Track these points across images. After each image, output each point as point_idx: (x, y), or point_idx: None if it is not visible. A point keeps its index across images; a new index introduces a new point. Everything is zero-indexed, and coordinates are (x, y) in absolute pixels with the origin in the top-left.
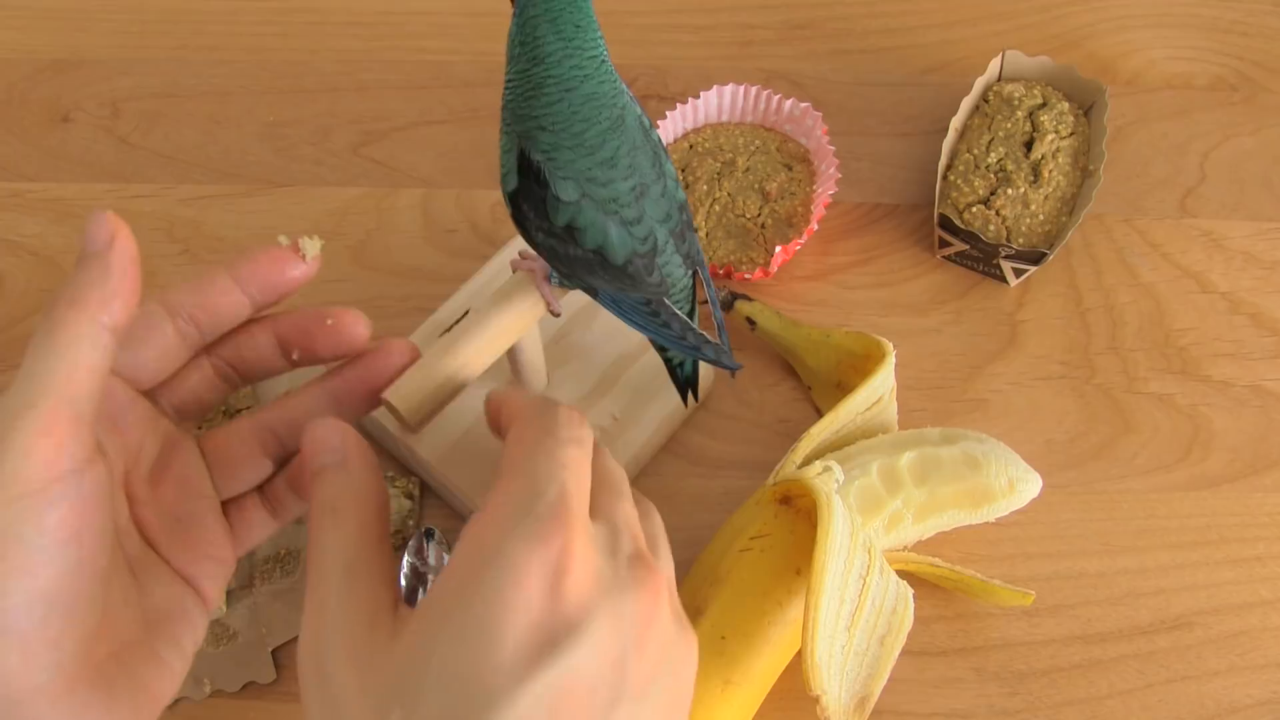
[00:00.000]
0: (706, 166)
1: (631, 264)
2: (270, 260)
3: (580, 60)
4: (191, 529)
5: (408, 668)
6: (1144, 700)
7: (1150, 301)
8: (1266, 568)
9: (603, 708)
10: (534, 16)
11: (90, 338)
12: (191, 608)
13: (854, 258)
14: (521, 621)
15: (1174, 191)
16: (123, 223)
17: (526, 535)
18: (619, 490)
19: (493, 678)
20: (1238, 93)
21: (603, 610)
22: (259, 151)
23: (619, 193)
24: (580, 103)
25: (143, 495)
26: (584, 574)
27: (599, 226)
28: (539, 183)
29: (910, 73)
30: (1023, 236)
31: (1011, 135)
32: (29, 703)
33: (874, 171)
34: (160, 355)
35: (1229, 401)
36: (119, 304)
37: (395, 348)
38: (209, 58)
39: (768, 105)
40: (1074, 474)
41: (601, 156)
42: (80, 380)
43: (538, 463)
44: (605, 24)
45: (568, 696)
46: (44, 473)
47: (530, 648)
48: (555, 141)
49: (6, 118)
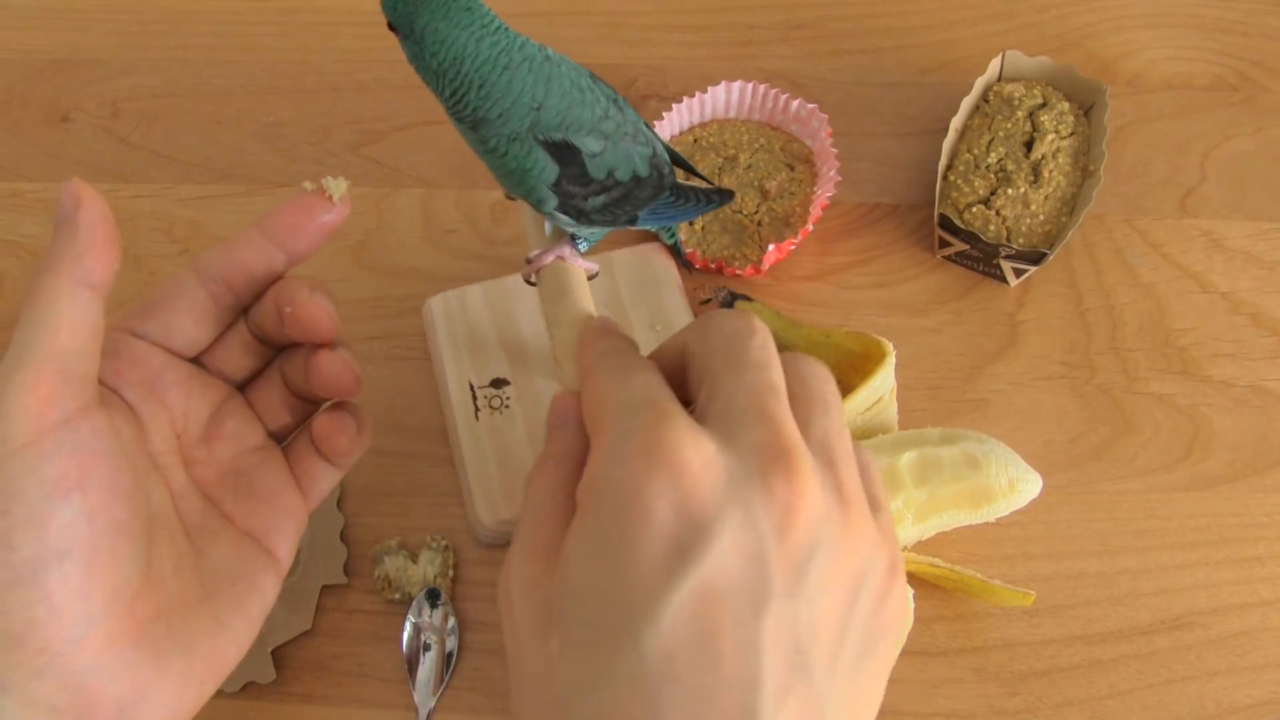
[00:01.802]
0: (709, 161)
1: (653, 166)
2: (297, 209)
3: (497, 35)
4: (255, 480)
5: (556, 597)
6: (1144, 700)
7: (1150, 301)
8: (1266, 568)
9: (748, 607)
10: (429, 24)
11: (68, 295)
12: (260, 570)
13: (854, 258)
14: (647, 535)
15: (1174, 191)
16: (90, 188)
17: (628, 455)
18: (734, 365)
19: (631, 596)
20: (1238, 93)
21: (729, 506)
22: (259, 151)
23: (601, 114)
24: (537, 66)
25: (199, 455)
26: (700, 473)
27: (624, 154)
28: (570, 155)
29: (910, 73)
30: (1023, 236)
31: (1011, 135)
32: (68, 655)
33: (874, 171)
34: (195, 321)
35: (1229, 401)
36: (91, 258)
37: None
38: (209, 58)
39: (775, 104)
40: (1074, 474)
41: (574, 97)
42: (63, 337)
43: (605, 394)
44: (606, 24)
45: (710, 602)
46: (34, 426)
47: (662, 559)
48: (552, 108)
49: (6, 118)
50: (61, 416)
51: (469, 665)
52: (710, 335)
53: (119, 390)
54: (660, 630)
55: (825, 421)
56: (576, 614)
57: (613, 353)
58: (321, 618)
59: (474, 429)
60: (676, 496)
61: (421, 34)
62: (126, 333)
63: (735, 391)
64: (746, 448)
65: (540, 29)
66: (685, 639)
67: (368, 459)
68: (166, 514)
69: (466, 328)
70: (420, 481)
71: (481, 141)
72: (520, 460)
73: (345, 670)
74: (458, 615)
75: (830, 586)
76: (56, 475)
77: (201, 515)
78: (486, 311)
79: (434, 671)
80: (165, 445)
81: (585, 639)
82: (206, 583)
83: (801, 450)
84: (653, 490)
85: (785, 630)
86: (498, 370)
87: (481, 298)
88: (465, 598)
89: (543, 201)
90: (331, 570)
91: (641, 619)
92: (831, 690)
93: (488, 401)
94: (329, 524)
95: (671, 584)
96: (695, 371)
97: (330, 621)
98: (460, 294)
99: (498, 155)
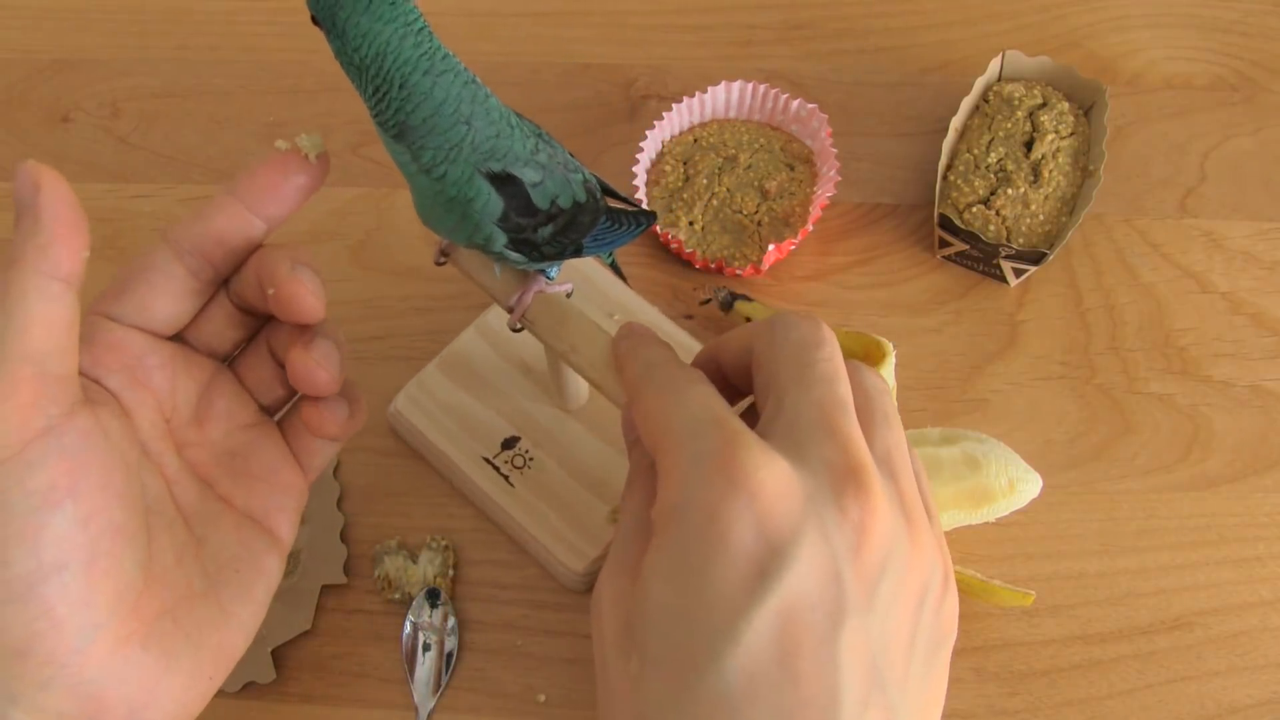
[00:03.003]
0: (708, 161)
1: (588, 191)
2: (271, 169)
3: (420, 37)
4: (250, 459)
5: (635, 617)
6: (1144, 700)
7: (1150, 301)
8: (1266, 568)
9: (827, 625)
10: (351, 17)
11: (36, 290)
12: (262, 551)
13: (854, 258)
14: (726, 558)
15: (1174, 191)
16: (48, 169)
17: (703, 478)
18: (802, 378)
19: (711, 618)
20: (1238, 93)
21: (805, 527)
22: (259, 151)
23: (533, 148)
24: (463, 82)
25: (191, 438)
26: (776, 494)
27: (561, 181)
28: (513, 186)
29: (910, 73)
30: (1023, 236)
31: (1011, 135)
32: (74, 665)
33: (874, 171)
34: (175, 299)
35: (1229, 401)
36: (58, 248)
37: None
38: (209, 58)
39: (775, 104)
40: (1074, 474)
41: (503, 128)
42: (36, 336)
43: (662, 413)
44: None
45: (790, 621)
46: (16, 436)
47: (742, 581)
48: (482, 131)
49: (6, 118)
50: (45, 423)
51: (469, 665)
52: (777, 343)
53: (100, 379)
54: (742, 651)
55: (888, 434)
56: (655, 635)
57: (659, 364)
58: (321, 618)
59: (515, 496)
60: (754, 518)
61: (343, 27)
62: (102, 316)
63: (804, 406)
64: (818, 465)
65: (540, 29)
66: (766, 659)
67: (368, 459)
68: (163, 503)
69: (444, 409)
70: (420, 482)
71: (413, 157)
72: (572, 495)
73: (345, 670)
74: (457, 615)
75: (900, 599)
76: (45, 485)
77: (199, 500)
78: (452, 382)
79: (434, 671)
80: (154, 431)
81: (665, 659)
82: (210, 571)
83: (872, 468)
84: (731, 513)
85: (861, 646)
86: (501, 431)
87: (440, 373)
88: (466, 598)
89: (491, 239)
90: (331, 570)
91: (723, 640)
92: (904, 700)
93: (511, 464)
94: (329, 524)
95: (752, 605)
96: (761, 377)
97: (330, 621)
98: (418, 382)
99: (433, 178)
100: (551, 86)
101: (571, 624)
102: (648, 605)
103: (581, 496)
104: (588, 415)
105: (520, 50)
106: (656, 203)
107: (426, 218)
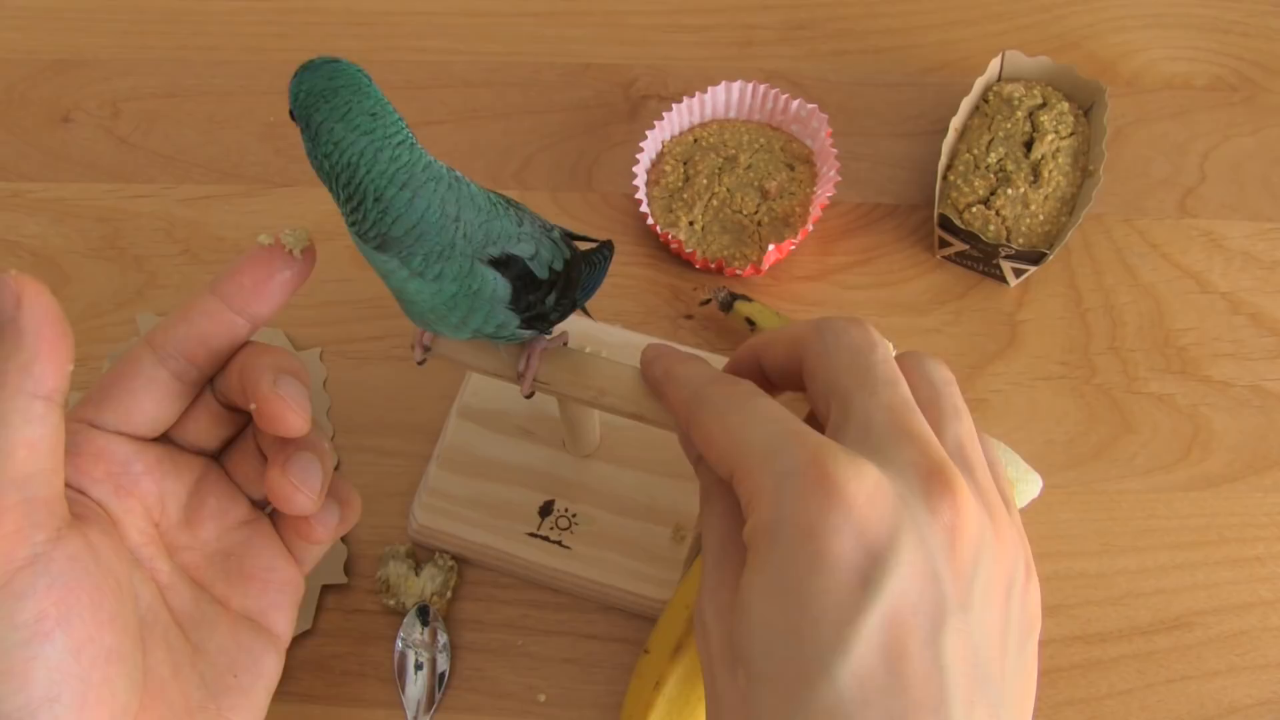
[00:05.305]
0: (708, 161)
1: (568, 246)
2: (254, 266)
3: (399, 150)
4: (245, 558)
5: (738, 635)
6: (1144, 700)
7: (1150, 301)
8: (1266, 568)
9: (930, 628)
10: (325, 122)
11: (19, 412)
12: (260, 652)
13: (854, 258)
14: (830, 571)
15: (1174, 191)
16: (29, 279)
17: (798, 493)
18: (865, 383)
19: (818, 631)
20: (1238, 93)
21: (901, 531)
22: (259, 151)
23: (517, 221)
24: (445, 186)
25: (183, 541)
26: (870, 502)
27: (549, 246)
28: (515, 265)
29: (910, 73)
30: (1023, 236)
31: (1011, 135)
32: None
33: (874, 171)
34: (159, 403)
35: (1229, 401)
36: (41, 367)
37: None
38: (209, 58)
39: (775, 104)
40: (1074, 474)
41: (490, 211)
42: (20, 460)
43: (732, 432)
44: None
45: (895, 626)
46: (2, 567)
47: (847, 591)
48: (472, 222)
49: (6, 118)
50: (31, 551)
51: (461, 687)
52: (830, 349)
53: (85, 490)
54: (852, 660)
55: (958, 427)
56: (761, 653)
57: (706, 382)
58: (321, 618)
59: (575, 556)
60: (853, 529)
61: (316, 130)
62: (85, 424)
63: (873, 410)
64: (903, 467)
65: (540, 29)
66: (875, 666)
67: (368, 459)
68: (157, 613)
69: (466, 504)
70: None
71: (402, 263)
72: (629, 531)
73: (345, 670)
74: (450, 636)
75: (992, 593)
76: (34, 616)
77: (194, 605)
78: (461, 475)
79: (425, 689)
80: (144, 539)
81: (773, 675)
82: (208, 680)
83: (952, 465)
84: (829, 527)
85: (964, 644)
86: (532, 502)
87: (445, 472)
88: (462, 618)
89: (503, 325)
90: (332, 570)
91: (832, 652)
92: (1004, 692)
93: (557, 528)
94: None
95: (859, 615)
96: (817, 385)
97: (330, 621)
98: (428, 490)
99: (428, 279)
100: (551, 86)
101: (571, 624)
102: (751, 624)
103: (638, 529)
104: (606, 452)
105: (520, 50)
106: (656, 203)
107: (426, 320)
